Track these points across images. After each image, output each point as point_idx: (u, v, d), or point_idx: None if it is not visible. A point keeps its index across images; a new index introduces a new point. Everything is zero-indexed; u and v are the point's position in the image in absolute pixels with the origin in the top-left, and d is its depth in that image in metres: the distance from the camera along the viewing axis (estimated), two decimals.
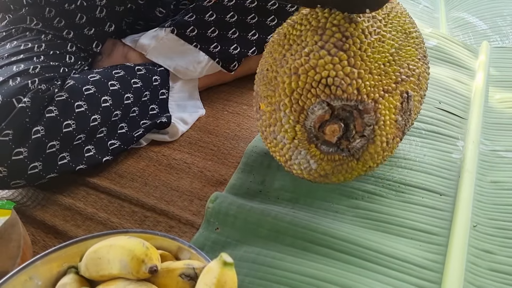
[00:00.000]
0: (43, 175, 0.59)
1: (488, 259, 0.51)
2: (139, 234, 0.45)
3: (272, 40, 0.56)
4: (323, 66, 0.48)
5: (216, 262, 0.38)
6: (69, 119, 0.61)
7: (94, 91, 0.65)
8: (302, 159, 0.52)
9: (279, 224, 0.55)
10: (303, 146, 0.51)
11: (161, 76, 0.76)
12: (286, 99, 0.50)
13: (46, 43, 0.68)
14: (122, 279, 0.41)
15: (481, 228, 0.55)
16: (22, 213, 0.61)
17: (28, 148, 0.57)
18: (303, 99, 0.49)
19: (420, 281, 0.49)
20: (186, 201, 0.63)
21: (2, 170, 0.56)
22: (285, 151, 0.52)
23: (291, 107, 0.50)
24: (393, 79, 0.51)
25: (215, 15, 0.78)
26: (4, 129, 0.56)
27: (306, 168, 0.52)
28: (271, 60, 0.54)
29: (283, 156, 0.53)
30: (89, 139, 0.64)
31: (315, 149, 0.51)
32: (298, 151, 0.51)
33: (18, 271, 0.42)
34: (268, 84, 0.53)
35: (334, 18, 0.52)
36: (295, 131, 0.50)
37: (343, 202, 0.59)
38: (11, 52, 0.65)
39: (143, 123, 0.71)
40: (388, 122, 0.50)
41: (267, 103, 0.53)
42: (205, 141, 0.74)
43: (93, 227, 0.59)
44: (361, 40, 0.50)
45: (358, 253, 0.51)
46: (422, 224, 0.56)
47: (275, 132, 0.52)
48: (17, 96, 0.58)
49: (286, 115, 0.50)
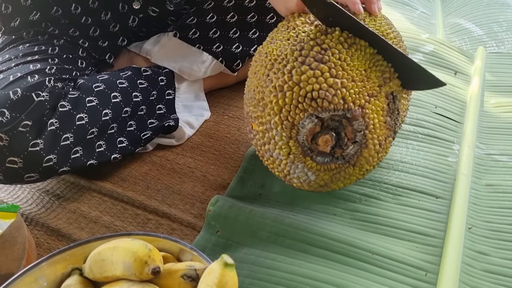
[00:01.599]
0: (56, 168, 0.60)
1: (482, 261, 0.52)
2: (142, 237, 0.46)
3: (255, 60, 0.58)
4: (306, 81, 0.50)
5: (217, 263, 0.39)
6: (81, 112, 0.62)
7: (103, 87, 0.66)
8: (300, 173, 0.53)
9: (278, 226, 0.56)
10: (299, 160, 0.52)
11: (167, 77, 0.77)
12: (275, 117, 0.51)
13: (59, 47, 0.70)
14: (125, 280, 0.43)
15: (476, 230, 0.56)
16: (26, 216, 0.62)
17: (44, 140, 0.58)
18: (292, 115, 0.50)
19: (416, 281, 0.50)
20: (187, 204, 0.64)
21: (18, 161, 0.57)
22: (283, 166, 0.53)
23: (281, 124, 0.51)
24: (376, 82, 0.52)
25: (215, 17, 0.80)
26: (23, 120, 0.57)
27: (305, 180, 0.53)
28: (256, 81, 0.55)
29: (282, 171, 0.54)
30: (101, 134, 0.65)
31: (311, 162, 0.52)
32: (295, 165, 0.52)
33: (24, 273, 0.43)
34: (257, 105, 0.54)
35: (310, 31, 0.53)
36: (289, 147, 0.52)
37: (341, 205, 0.60)
38: (26, 52, 0.67)
39: (150, 123, 0.72)
40: (378, 125, 0.52)
41: (258, 123, 0.54)
42: (206, 145, 0.75)
43: (96, 230, 0.60)
44: (339, 50, 0.51)
45: (356, 254, 0.52)
46: (418, 226, 0.57)
47: (270, 150, 0.53)
48: (36, 91, 0.59)
49: (278, 132, 0.52)
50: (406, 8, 1.20)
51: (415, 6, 1.21)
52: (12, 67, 0.63)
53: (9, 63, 0.64)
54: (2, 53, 0.69)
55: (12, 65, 0.63)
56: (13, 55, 0.66)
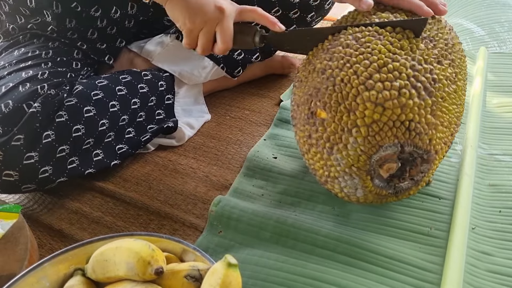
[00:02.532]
0: (53, 179, 0.60)
1: (486, 261, 0.52)
2: (145, 237, 0.46)
3: (338, 52, 0.51)
4: (410, 108, 0.47)
5: (220, 264, 0.39)
6: (78, 123, 0.62)
7: (102, 96, 0.66)
8: (350, 185, 0.51)
9: (281, 227, 0.56)
10: (359, 175, 0.49)
11: (167, 82, 0.77)
12: (363, 127, 0.47)
13: (53, 50, 0.69)
14: (128, 281, 0.42)
15: (480, 230, 0.56)
16: (28, 217, 0.62)
17: (39, 152, 0.58)
18: (381, 134, 0.47)
19: (420, 282, 0.50)
20: (190, 204, 0.64)
21: (14, 174, 0.57)
22: (333, 170, 0.50)
23: (365, 137, 0.47)
24: (451, 131, 0.52)
25: None
26: (16, 134, 0.57)
27: (349, 192, 0.52)
28: (342, 75, 0.49)
29: (327, 171, 0.51)
30: (98, 143, 0.65)
31: (369, 182, 0.50)
32: (352, 177, 0.50)
33: (26, 273, 0.43)
34: (337, 93, 0.49)
35: (429, 50, 0.50)
36: (358, 160, 0.49)
37: (344, 206, 0.60)
38: (20, 59, 0.66)
39: (150, 128, 0.72)
40: (434, 170, 0.52)
41: (331, 116, 0.49)
42: (208, 146, 0.75)
43: (98, 230, 0.60)
44: (444, 89, 0.49)
45: (359, 255, 0.52)
46: (421, 227, 0.56)
47: (333, 151, 0.49)
48: (27, 101, 0.59)
49: (356, 142, 0.48)
50: None
51: None
52: (5, 75, 0.63)
53: (2, 72, 0.64)
54: None
55: (5, 73, 0.63)
56: (7, 62, 0.66)
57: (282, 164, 0.68)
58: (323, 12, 0.85)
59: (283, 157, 0.70)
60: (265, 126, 0.80)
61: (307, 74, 0.54)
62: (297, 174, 0.66)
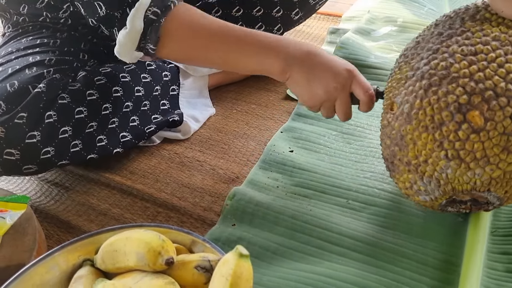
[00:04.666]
0: (55, 161, 0.60)
1: (506, 261, 0.51)
2: (154, 228, 0.46)
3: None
4: None
5: (232, 254, 0.39)
6: (80, 105, 0.62)
7: (105, 81, 0.66)
8: (427, 189, 0.49)
9: (296, 223, 0.56)
10: (445, 193, 0.48)
11: (171, 72, 0.77)
12: (499, 171, 0.45)
13: (62, 40, 0.69)
14: (138, 271, 0.42)
15: (501, 231, 0.55)
16: (35, 208, 0.62)
17: (41, 132, 0.58)
18: (501, 184, 0.46)
19: (436, 282, 0.49)
20: (197, 197, 0.63)
21: (15, 153, 0.57)
22: (428, 169, 0.47)
23: (491, 178, 0.45)
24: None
25: (221, 11, 0.79)
26: (19, 112, 0.57)
27: (416, 190, 0.50)
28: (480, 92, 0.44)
29: (420, 163, 0.48)
30: (101, 128, 0.65)
31: (443, 200, 0.50)
32: (438, 187, 0.48)
33: (36, 263, 0.43)
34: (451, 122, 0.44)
35: None
36: (461, 185, 0.47)
37: (359, 199, 0.59)
38: (27, 45, 0.66)
39: (154, 118, 0.72)
40: None
41: (484, 134, 0.44)
42: (215, 139, 0.75)
43: (106, 222, 0.60)
44: None
45: (374, 253, 0.52)
46: (439, 226, 0.55)
47: (451, 162, 0.45)
48: (33, 83, 0.59)
49: (480, 175, 0.45)
50: (414, 5, 1.19)
51: (422, 3, 1.21)
52: (12, 59, 0.63)
53: (9, 56, 0.64)
54: (6, 47, 0.69)
55: (13, 57, 0.63)
56: (14, 48, 0.66)
57: (298, 157, 0.68)
58: (308, 10, 0.84)
59: (299, 150, 0.70)
60: (271, 120, 0.79)
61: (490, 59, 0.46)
62: (312, 167, 0.66)
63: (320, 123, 0.76)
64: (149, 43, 0.57)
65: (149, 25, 0.55)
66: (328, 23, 1.10)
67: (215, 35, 0.58)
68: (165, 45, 0.57)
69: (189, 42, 0.59)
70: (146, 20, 0.55)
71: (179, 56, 0.63)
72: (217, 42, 0.59)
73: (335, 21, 1.14)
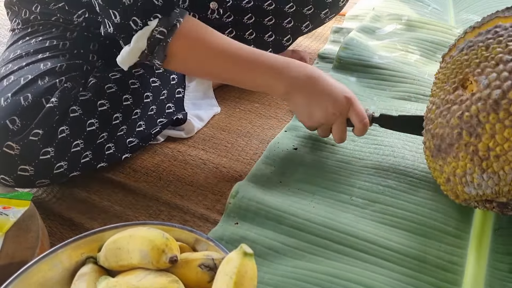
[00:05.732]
0: (67, 174, 0.60)
1: (510, 262, 0.51)
2: (157, 226, 0.45)
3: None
4: None
5: (236, 253, 0.38)
6: (92, 117, 0.62)
7: (115, 89, 0.65)
8: (481, 182, 0.47)
9: (299, 221, 0.55)
10: (498, 192, 0.47)
11: (178, 75, 0.77)
12: None
13: (71, 41, 0.69)
14: (141, 269, 0.42)
15: (504, 231, 0.55)
16: (38, 206, 0.61)
17: (55, 148, 0.58)
18: None
19: (440, 282, 0.49)
20: (200, 196, 0.63)
21: (29, 169, 0.57)
22: (496, 166, 0.46)
23: None
24: None
25: (232, 16, 0.79)
26: (33, 129, 0.56)
27: (467, 180, 0.49)
28: None
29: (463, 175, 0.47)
30: (110, 137, 0.65)
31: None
32: (494, 184, 0.46)
33: (39, 260, 0.43)
34: None
35: None
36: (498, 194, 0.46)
37: (362, 196, 0.59)
38: (37, 48, 0.66)
39: (160, 122, 0.71)
40: None
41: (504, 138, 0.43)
42: (218, 138, 0.75)
43: (108, 220, 0.60)
44: None
45: (377, 252, 0.52)
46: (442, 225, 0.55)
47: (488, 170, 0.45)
48: (45, 95, 0.59)
49: None
50: (418, 4, 1.19)
51: (427, 2, 1.20)
52: (23, 66, 0.62)
53: (20, 62, 0.64)
54: (14, 47, 0.68)
55: (23, 64, 0.63)
56: (24, 51, 0.66)
57: (301, 154, 0.68)
58: (336, 9, 0.85)
59: (303, 148, 0.70)
60: (275, 119, 0.79)
61: None
62: (315, 164, 0.66)
63: None
64: (156, 59, 0.59)
65: (156, 44, 0.57)
66: (331, 22, 1.10)
67: (222, 53, 0.61)
68: (171, 62, 0.60)
69: (195, 58, 0.61)
70: (153, 39, 0.57)
71: (185, 71, 0.67)
72: (224, 60, 0.61)
73: (339, 20, 1.14)
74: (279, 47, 0.84)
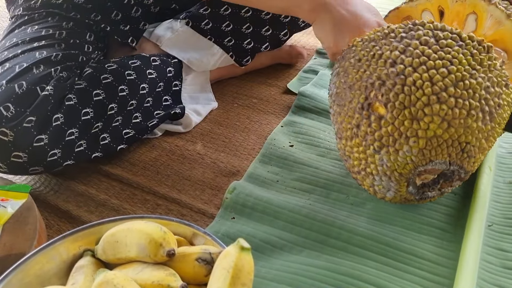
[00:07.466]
0: (60, 162, 0.60)
1: (502, 257, 0.52)
2: (155, 220, 0.46)
3: (441, 36, 0.47)
4: (472, 131, 0.46)
5: (233, 247, 0.39)
6: (87, 107, 0.62)
7: (111, 80, 0.65)
8: (384, 185, 0.50)
9: (295, 216, 0.56)
10: (399, 180, 0.49)
11: (175, 68, 0.76)
12: (422, 139, 0.46)
13: (67, 31, 0.68)
14: (139, 262, 0.42)
15: (497, 227, 0.55)
16: (35, 198, 0.62)
17: (49, 135, 0.58)
18: (437, 150, 0.46)
19: (434, 276, 0.50)
20: (197, 190, 0.63)
21: (23, 156, 0.57)
22: (373, 167, 0.49)
23: (421, 149, 0.46)
24: (485, 154, 0.51)
25: (230, 10, 0.79)
26: (27, 116, 0.56)
27: (379, 190, 0.51)
28: (421, 72, 0.46)
29: (364, 166, 0.50)
30: (105, 127, 0.65)
31: (404, 188, 0.50)
32: (389, 180, 0.49)
33: (37, 252, 0.43)
34: (405, 96, 0.46)
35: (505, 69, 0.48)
36: (404, 167, 0.48)
37: (359, 195, 0.60)
38: (33, 37, 0.66)
39: (157, 114, 0.71)
40: None
41: (391, 116, 0.46)
42: (216, 132, 0.75)
43: (105, 213, 0.60)
44: (503, 114, 0.48)
45: (373, 247, 0.52)
46: (437, 221, 0.56)
47: (381, 152, 0.48)
48: (40, 84, 0.59)
49: (410, 151, 0.46)
50: None
51: None
52: (19, 54, 0.62)
53: (15, 49, 0.63)
54: (10, 36, 0.68)
55: (19, 51, 0.63)
56: (20, 40, 0.65)
57: (298, 152, 0.68)
58: None
59: (299, 145, 0.70)
60: (272, 114, 0.80)
61: (370, 58, 0.50)
62: (312, 162, 0.66)
63: (320, 118, 0.76)
64: None
65: None
66: None
67: None
68: None
69: None
70: None
71: None
72: None
73: None
74: (276, 42, 0.84)
